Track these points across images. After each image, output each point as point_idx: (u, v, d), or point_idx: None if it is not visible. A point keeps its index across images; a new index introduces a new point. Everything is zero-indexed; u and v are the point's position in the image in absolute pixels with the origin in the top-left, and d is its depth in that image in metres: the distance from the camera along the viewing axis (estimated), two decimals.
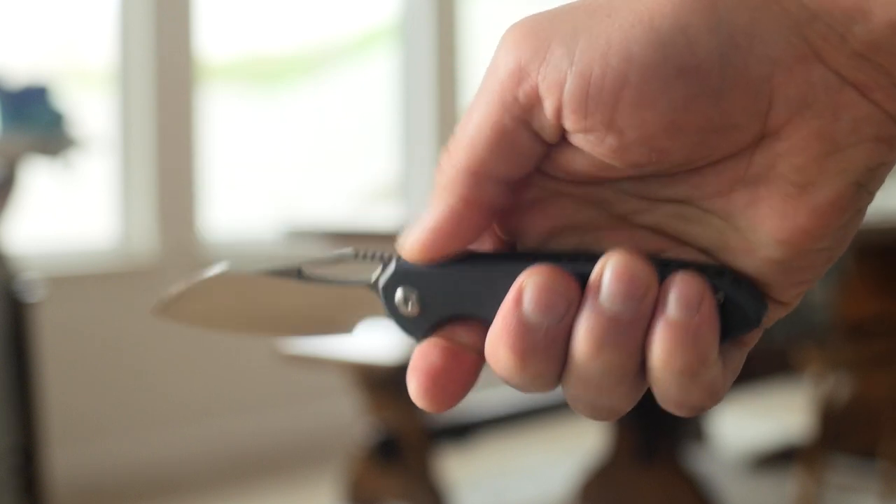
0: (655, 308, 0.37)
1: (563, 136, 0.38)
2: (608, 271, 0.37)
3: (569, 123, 0.37)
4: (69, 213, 3.92)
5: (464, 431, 3.05)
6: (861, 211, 0.38)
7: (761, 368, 3.33)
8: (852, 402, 3.15)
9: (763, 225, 0.37)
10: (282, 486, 3.66)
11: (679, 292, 0.37)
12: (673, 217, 0.39)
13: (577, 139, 0.37)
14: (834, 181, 0.37)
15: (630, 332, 0.37)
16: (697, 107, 0.36)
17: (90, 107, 3.73)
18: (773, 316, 0.39)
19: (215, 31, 4.12)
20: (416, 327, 0.41)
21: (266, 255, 4.13)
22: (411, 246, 0.40)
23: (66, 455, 3.51)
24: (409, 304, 0.41)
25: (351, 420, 3.59)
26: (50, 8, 3.85)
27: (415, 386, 0.39)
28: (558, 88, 0.36)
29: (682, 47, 0.35)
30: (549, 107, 0.37)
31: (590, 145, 0.37)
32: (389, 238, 3.28)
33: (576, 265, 0.38)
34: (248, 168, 4.42)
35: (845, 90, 0.36)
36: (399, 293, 0.41)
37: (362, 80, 4.74)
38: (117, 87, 3.87)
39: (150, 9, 3.81)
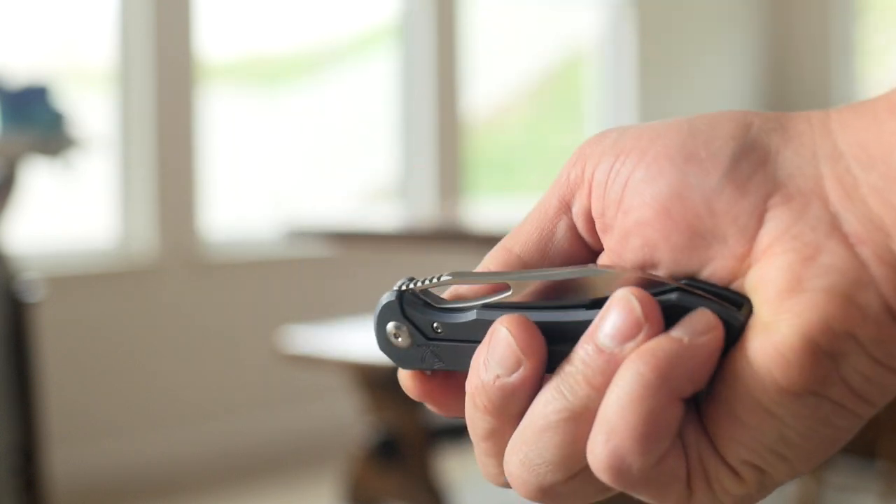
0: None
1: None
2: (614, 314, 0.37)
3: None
4: (69, 213, 3.92)
5: (464, 431, 3.04)
6: (834, 403, 0.36)
7: None
8: None
9: None
10: (282, 486, 3.66)
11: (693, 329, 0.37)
12: None
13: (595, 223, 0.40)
14: (789, 325, 0.35)
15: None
16: (691, 197, 0.37)
17: (90, 107, 3.73)
18: None
19: (215, 31, 4.12)
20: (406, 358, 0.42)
21: (266, 255, 4.13)
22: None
23: (66, 455, 3.52)
24: (399, 337, 0.41)
25: (351, 420, 3.59)
26: (50, 8, 3.85)
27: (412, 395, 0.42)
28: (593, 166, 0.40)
29: (701, 141, 0.37)
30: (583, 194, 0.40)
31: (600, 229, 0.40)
32: (389, 238, 3.28)
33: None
34: (248, 168, 4.42)
35: (833, 236, 0.35)
36: (390, 326, 0.41)
37: (362, 79, 4.74)
38: (117, 87, 3.88)
39: (150, 9, 3.81)
